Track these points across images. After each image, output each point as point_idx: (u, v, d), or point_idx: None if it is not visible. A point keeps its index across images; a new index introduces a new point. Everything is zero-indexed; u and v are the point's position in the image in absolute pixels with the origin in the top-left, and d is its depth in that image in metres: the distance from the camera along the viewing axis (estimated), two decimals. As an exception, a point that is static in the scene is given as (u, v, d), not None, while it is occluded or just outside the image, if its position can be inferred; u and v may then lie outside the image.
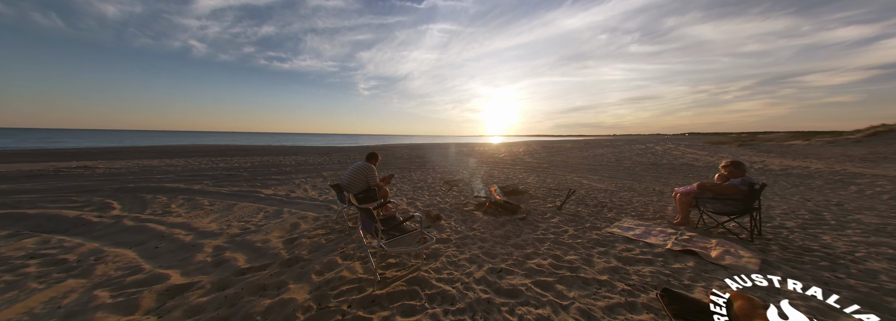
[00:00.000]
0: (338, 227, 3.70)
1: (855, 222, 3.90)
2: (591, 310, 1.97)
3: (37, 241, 3.21)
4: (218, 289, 2.27)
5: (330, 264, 2.66)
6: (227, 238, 3.36)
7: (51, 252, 2.94)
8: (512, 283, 2.32)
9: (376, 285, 2.28)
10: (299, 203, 5.10)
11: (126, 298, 2.13)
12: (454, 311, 1.97)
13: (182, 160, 12.43)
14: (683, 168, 10.85)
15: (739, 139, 23.93)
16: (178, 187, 6.29)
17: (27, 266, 2.63)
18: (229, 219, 4.14)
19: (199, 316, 1.94)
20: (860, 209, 4.63)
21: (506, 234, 3.44)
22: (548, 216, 4.23)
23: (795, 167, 9.88)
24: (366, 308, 2.02)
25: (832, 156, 12.48)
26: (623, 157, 15.06)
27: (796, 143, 17.93)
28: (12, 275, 2.46)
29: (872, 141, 15.06)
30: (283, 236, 3.41)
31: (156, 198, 5.29)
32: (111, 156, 14.48)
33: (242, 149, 21.81)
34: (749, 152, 15.61)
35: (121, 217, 4.14)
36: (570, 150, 21.43)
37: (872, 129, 16.95)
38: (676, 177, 8.73)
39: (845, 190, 6.25)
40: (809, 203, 5.10)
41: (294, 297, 2.11)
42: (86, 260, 2.77)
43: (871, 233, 3.44)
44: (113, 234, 3.50)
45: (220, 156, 15.30)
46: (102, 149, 19.65)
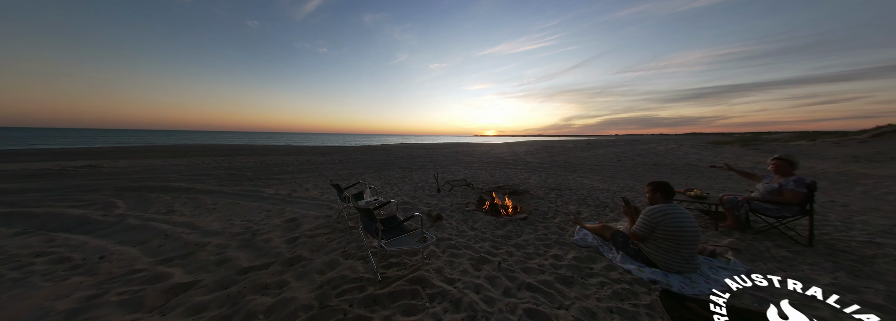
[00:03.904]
0: (339, 227, 3.72)
1: (860, 223, 3.87)
2: (593, 310, 1.97)
3: (42, 240, 3.24)
4: (220, 288, 2.29)
5: (331, 263, 2.67)
6: (230, 237, 3.38)
7: (56, 250, 2.97)
8: (513, 283, 2.32)
9: (377, 284, 2.29)
10: (301, 202, 5.12)
11: (130, 296, 2.16)
12: (455, 311, 1.98)
13: (185, 160, 12.51)
14: (686, 168, 10.80)
15: (742, 139, 23.76)
16: (182, 186, 6.33)
17: (33, 264, 2.67)
18: (232, 218, 4.17)
19: (202, 314, 1.96)
20: (866, 210, 4.59)
21: (507, 234, 3.44)
22: (549, 216, 4.23)
23: (800, 168, 9.79)
24: (367, 307, 2.03)
25: (838, 156, 12.38)
26: (625, 157, 15.00)
27: (801, 143, 17.80)
28: (19, 273, 2.50)
29: (878, 141, 14.92)
30: (285, 235, 3.43)
31: (160, 198, 5.34)
32: (116, 155, 14.60)
33: (245, 148, 21.92)
34: (752, 153, 15.49)
35: (125, 216, 4.18)
36: (571, 150, 21.38)
37: (878, 130, 16.79)
38: (678, 177, 8.69)
39: (851, 191, 6.19)
40: (815, 204, 5.05)
41: (296, 296, 2.13)
42: (91, 258, 2.80)
43: (877, 234, 3.41)
44: (117, 233, 3.53)
45: (223, 155, 15.39)
46: (107, 148, 19.81)
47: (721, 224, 3.60)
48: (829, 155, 12.94)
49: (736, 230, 3.43)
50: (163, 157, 14.06)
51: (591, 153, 18.51)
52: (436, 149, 25.62)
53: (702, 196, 3.86)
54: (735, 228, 3.45)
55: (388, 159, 14.42)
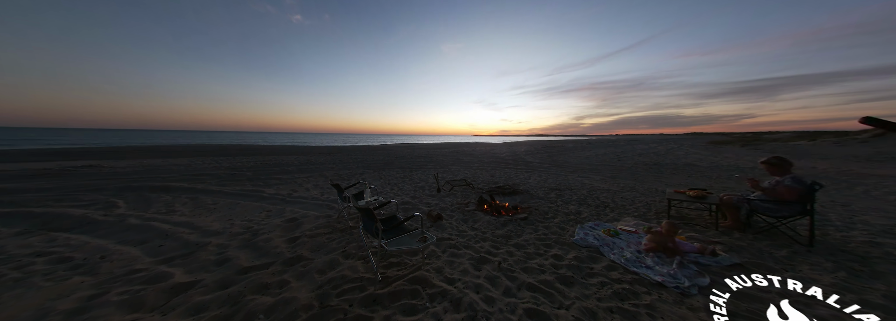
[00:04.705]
0: (339, 226, 3.72)
1: (861, 223, 3.87)
2: (593, 310, 1.97)
3: (43, 239, 3.25)
4: (221, 288, 2.29)
5: (332, 263, 2.68)
6: (230, 237, 3.39)
7: (57, 250, 2.98)
8: (513, 283, 2.32)
9: (378, 284, 2.29)
10: (301, 202, 5.13)
11: (131, 296, 2.16)
12: (455, 310, 1.98)
13: (186, 159, 12.52)
14: (686, 168, 10.79)
15: (743, 139, 23.73)
16: (182, 186, 6.34)
17: (34, 263, 2.67)
18: (232, 218, 4.17)
19: (203, 314, 1.96)
20: (867, 210, 4.59)
21: (507, 234, 3.44)
22: (549, 216, 4.23)
23: (801, 168, 9.79)
24: (367, 307, 2.03)
25: (838, 156, 12.36)
26: (625, 157, 14.99)
27: (801, 143, 17.78)
28: (19, 273, 2.50)
29: (879, 141, 14.90)
30: (285, 235, 3.43)
31: (160, 197, 5.35)
32: (116, 155, 14.61)
33: (245, 148, 21.93)
34: (753, 153, 15.48)
35: (126, 216, 4.19)
36: (571, 150, 21.37)
37: (880, 129, 16.76)
38: (679, 177, 8.69)
39: (852, 190, 6.19)
40: (815, 204, 5.05)
41: (296, 296, 2.13)
42: (91, 258, 2.81)
43: (878, 234, 3.41)
44: (118, 233, 3.54)
45: (224, 155, 15.40)
46: (108, 148, 19.83)
47: (722, 224, 3.61)
48: (829, 155, 12.93)
49: (736, 230, 3.43)
50: (163, 156, 14.07)
51: (591, 153, 18.50)
52: (436, 149, 25.63)
53: (702, 196, 3.86)
54: (735, 228, 3.46)
55: (389, 159, 14.43)
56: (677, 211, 4.46)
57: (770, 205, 3.18)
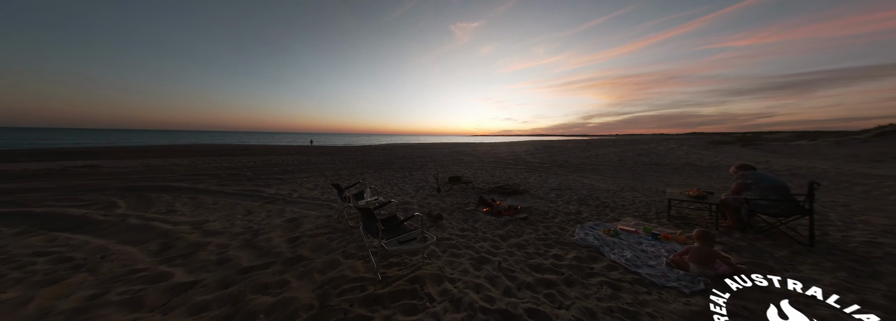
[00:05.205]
0: (339, 226, 3.72)
1: (861, 223, 3.87)
2: (593, 310, 1.97)
3: (44, 239, 3.25)
4: (221, 287, 2.29)
5: (332, 263, 2.68)
6: (231, 237, 3.39)
7: (57, 250, 2.98)
8: (513, 283, 2.32)
9: (378, 284, 2.29)
10: (301, 202, 5.13)
11: (131, 296, 2.16)
12: (455, 310, 1.98)
13: (186, 160, 12.53)
14: (686, 168, 10.79)
15: (744, 139, 23.72)
16: (183, 186, 6.35)
17: (34, 263, 2.67)
18: (232, 218, 4.18)
19: (203, 313, 1.96)
20: (867, 210, 4.59)
21: (507, 234, 3.44)
22: (549, 216, 4.23)
23: (801, 167, 9.79)
24: (368, 306, 2.03)
25: (839, 156, 12.36)
26: (625, 157, 14.99)
27: (802, 142, 17.78)
28: (20, 273, 2.50)
29: (880, 141, 14.89)
30: (286, 235, 3.44)
31: (160, 197, 5.35)
32: (117, 155, 14.62)
33: (246, 148, 21.94)
34: (753, 152, 15.48)
35: (126, 215, 4.19)
36: (571, 150, 21.37)
37: (880, 129, 16.76)
38: (679, 177, 8.69)
39: (852, 191, 6.18)
40: (816, 203, 5.05)
41: (296, 296, 2.13)
42: (92, 258, 2.81)
43: (878, 234, 3.40)
44: (118, 233, 3.54)
45: (224, 155, 15.41)
46: (108, 148, 19.85)
47: (722, 224, 3.61)
48: (830, 155, 12.93)
49: (736, 230, 3.43)
50: (163, 156, 14.08)
51: (591, 153, 18.50)
52: (436, 149, 25.63)
53: (702, 196, 3.86)
54: (736, 228, 3.46)
55: (389, 159, 14.43)
56: (677, 211, 4.47)
57: (766, 203, 3.22)
